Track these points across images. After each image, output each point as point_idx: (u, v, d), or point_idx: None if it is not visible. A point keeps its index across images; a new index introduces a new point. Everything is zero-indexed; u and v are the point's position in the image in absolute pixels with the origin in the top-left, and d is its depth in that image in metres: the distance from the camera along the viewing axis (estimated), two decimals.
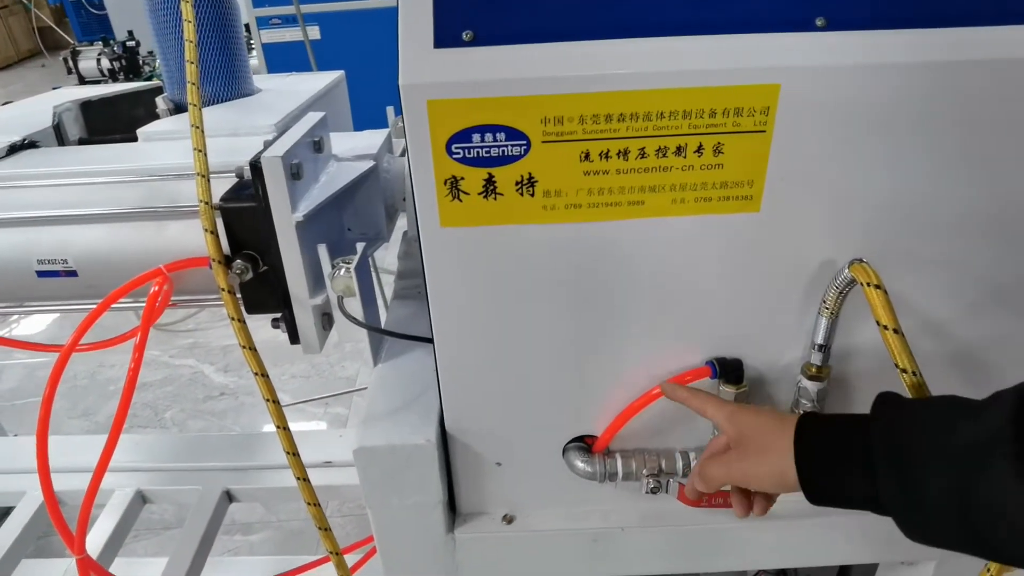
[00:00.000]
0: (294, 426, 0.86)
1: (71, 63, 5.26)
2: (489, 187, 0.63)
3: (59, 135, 1.31)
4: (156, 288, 0.82)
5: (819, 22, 0.60)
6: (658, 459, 0.79)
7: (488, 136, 0.61)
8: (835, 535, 0.86)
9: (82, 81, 5.22)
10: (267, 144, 0.89)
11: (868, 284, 0.62)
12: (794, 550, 0.87)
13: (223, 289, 0.81)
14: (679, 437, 0.80)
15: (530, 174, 0.62)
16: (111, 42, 5.25)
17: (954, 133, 0.62)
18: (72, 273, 0.90)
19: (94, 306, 0.90)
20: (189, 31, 0.91)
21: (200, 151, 0.83)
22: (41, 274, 0.90)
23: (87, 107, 1.46)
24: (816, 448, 0.58)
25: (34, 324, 3.16)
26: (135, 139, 1.26)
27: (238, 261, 0.84)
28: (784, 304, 0.71)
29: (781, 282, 0.70)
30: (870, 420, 0.56)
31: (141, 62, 5.27)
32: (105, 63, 5.11)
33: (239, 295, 0.88)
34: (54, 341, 2.97)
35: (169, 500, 1.42)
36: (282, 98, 1.28)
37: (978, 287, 0.70)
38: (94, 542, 1.25)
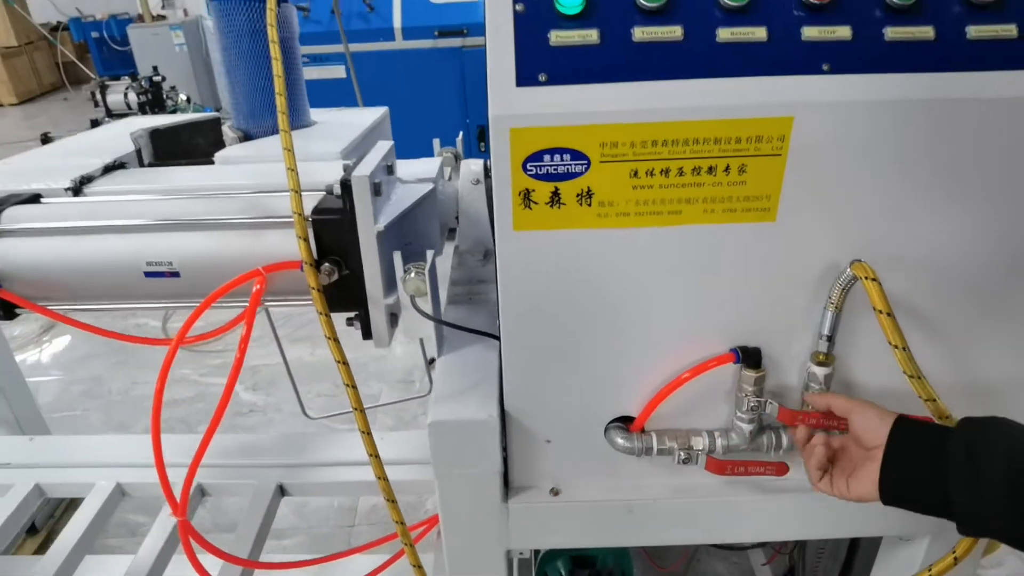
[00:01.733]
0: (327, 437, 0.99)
1: (99, 96, 5.46)
2: (555, 198, 0.77)
3: (139, 158, 1.46)
4: (258, 286, 0.95)
5: (825, 67, 0.74)
6: (688, 436, 0.92)
7: (556, 157, 0.75)
8: (848, 508, 0.97)
9: (109, 114, 5.42)
10: (347, 167, 1.04)
11: (866, 278, 0.76)
12: (809, 522, 0.99)
13: (314, 288, 0.95)
14: (704, 418, 0.93)
15: (588, 188, 0.77)
16: (138, 77, 5.47)
17: (932, 157, 0.76)
18: (175, 274, 1.03)
19: (191, 304, 1.04)
20: (277, 67, 1.06)
21: (292, 170, 0.97)
22: (148, 274, 1.03)
23: (155, 134, 1.62)
24: (901, 449, 0.73)
25: (59, 345, 3.28)
26: (210, 162, 1.42)
27: (326, 264, 0.97)
28: (796, 300, 0.84)
29: (793, 281, 0.83)
30: (949, 429, 0.71)
31: (165, 96, 5.49)
32: (132, 97, 5.32)
33: None
34: (73, 362, 3.09)
35: (227, 493, 1.53)
36: (340, 129, 1.43)
37: (955, 284, 0.83)
38: (163, 530, 1.36)
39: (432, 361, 2.39)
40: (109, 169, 1.30)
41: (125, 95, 5.35)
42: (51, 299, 1.10)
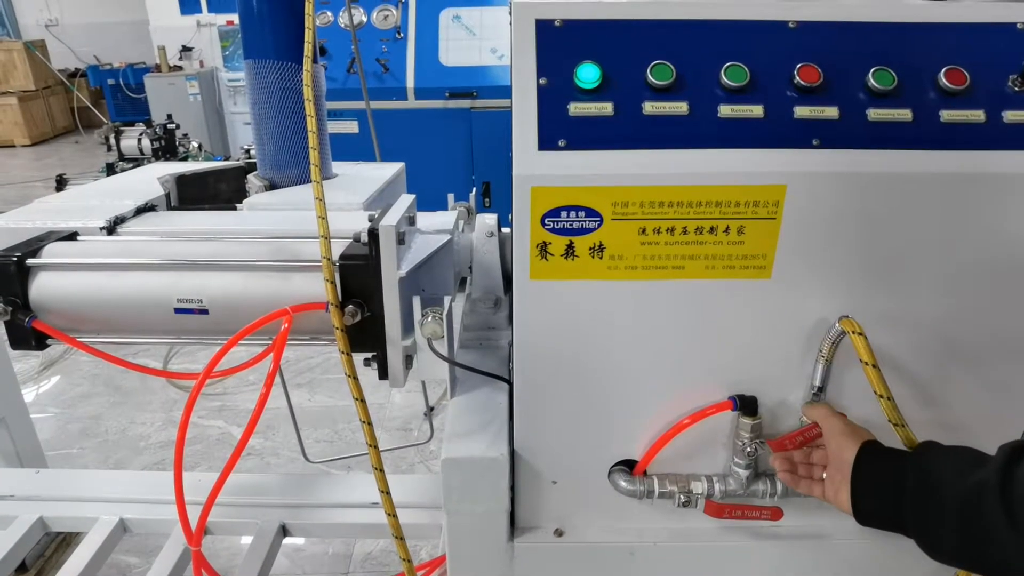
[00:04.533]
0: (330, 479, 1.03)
1: (112, 141, 5.60)
2: (569, 250, 0.84)
3: (168, 201, 1.53)
4: (286, 325, 1.01)
5: (815, 142, 0.83)
6: (687, 480, 0.96)
7: (572, 214, 0.82)
8: (840, 555, 1.02)
9: (122, 158, 5.55)
10: (372, 217, 1.11)
11: (853, 332, 0.83)
12: (804, 568, 1.03)
13: (338, 328, 1.01)
14: (703, 463, 0.98)
15: (600, 242, 0.84)
16: (152, 124, 5.63)
17: (911, 224, 0.84)
18: (204, 311, 1.09)
19: (218, 341, 1.09)
20: (311, 124, 1.14)
21: (323, 218, 1.05)
22: (179, 310, 1.09)
23: (182, 180, 1.70)
24: (864, 477, 0.79)
25: (57, 383, 3.29)
26: (234, 208, 1.50)
27: (350, 306, 1.03)
28: (790, 351, 0.91)
29: (787, 333, 0.90)
30: (907, 456, 0.78)
31: (177, 143, 5.64)
32: (146, 143, 5.45)
33: None
34: (72, 400, 3.11)
35: (229, 531, 1.54)
36: (361, 182, 1.52)
37: (932, 339, 0.90)
38: (166, 564, 1.38)
39: (431, 410, 2.43)
40: (141, 211, 1.38)
41: (139, 141, 5.47)
42: (81, 331, 1.16)
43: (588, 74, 0.83)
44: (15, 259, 1.10)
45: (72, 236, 1.23)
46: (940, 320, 0.89)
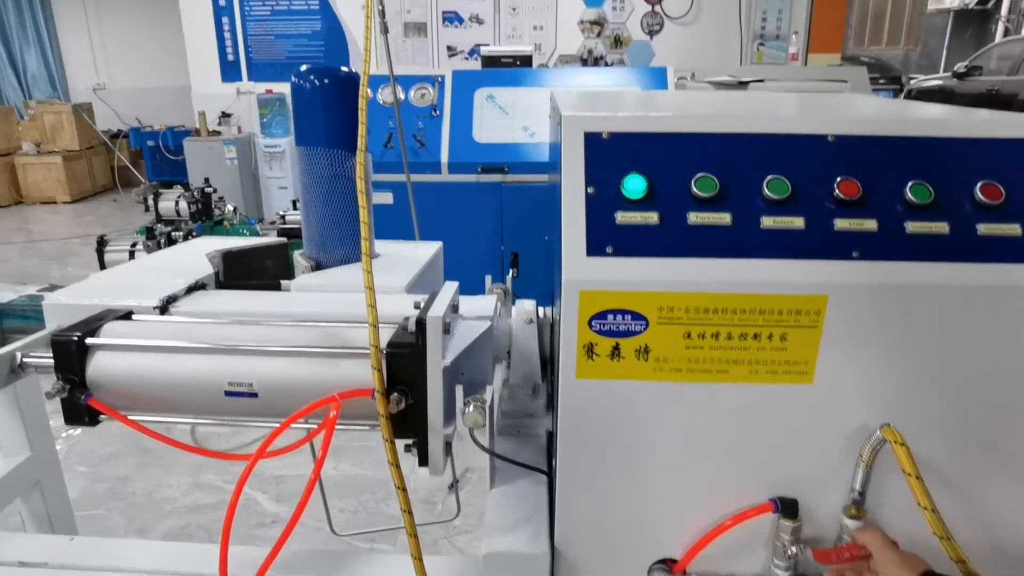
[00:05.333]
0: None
1: (151, 202, 5.81)
2: (615, 352, 0.87)
3: (217, 278, 1.59)
4: (334, 412, 1.04)
5: (855, 253, 0.86)
6: None
7: (619, 317, 0.86)
8: None
9: (158, 219, 5.75)
10: (418, 305, 1.15)
11: (895, 442, 0.84)
12: None
13: (383, 415, 1.03)
14: (742, 563, 0.98)
15: (646, 345, 0.87)
16: (190, 187, 5.84)
17: (950, 335, 0.86)
18: (254, 395, 1.12)
19: (267, 424, 1.12)
20: (364, 215, 1.20)
21: (372, 307, 1.09)
22: (229, 393, 1.13)
23: (227, 256, 1.76)
24: None
25: (87, 441, 3.33)
26: (278, 285, 1.55)
27: (395, 394, 1.06)
28: (830, 456, 0.91)
29: (828, 438, 0.91)
30: None
31: (213, 206, 5.83)
32: (183, 205, 5.65)
33: None
34: (101, 459, 3.13)
35: None
36: (403, 263, 1.57)
37: (975, 448, 0.90)
38: None
39: (454, 484, 2.42)
40: (191, 289, 1.43)
41: (176, 203, 5.68)
42: (133, 409, 1.19)
43: (635, 185, 0.87)
44: (76, 338, 1.15)
45: (128, 315, 1.28)
46: (983, 429, 0.89)
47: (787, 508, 0.92)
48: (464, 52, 7.13)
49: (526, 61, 3.95)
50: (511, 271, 1.46)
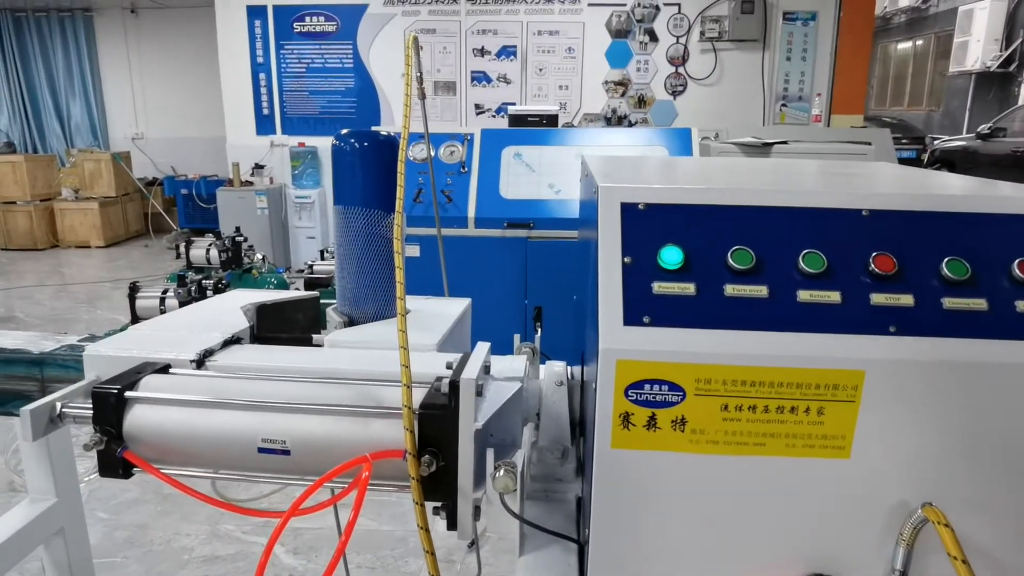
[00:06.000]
0: None
1: (182, 248, 5.95)
2: (651, 422, 0.87)
3: (252, 331, 1.62)
4: (366, 473, 1.04)
5: (892, 328, 0.86)
6: None
7: (656, 387, 0.86)
8: None
9: (189, 266, 5.87)
10: (450, 365, 1.16)
11: (939, 523, 0.82)
12: None
13: (414, 478, 1.03)
14: None
15: (683, 416, 0.86)
16: (221, 236, 5.98)
17: (991, 413, 0.85)
18: (287, 452, 1.13)
19: (299, 481, 1.13)
20: (399, 275, 1.22)
21: (406, 367, 1.10)
22: (262, 450, 1.14)
23: (261, 310, 1.79)
24: None
25: (108, 487, 3.33)
26: (309, 339, 1.57)
27: (426, 456, 1.06)
28: (868, 533, 0.89)
29: (866, 515, 0.89)
30: None
31: (243, 254, 5.95)
32: (214, 253, 5.78)
33: None
34: (121, 506, 3.13)
35: None
36: (433, 320, 1.59)
37: (1021, 529, 0.88)
38: None
39: (473, 543, 2.39)
40: (227, 343, 1.46)
41: (207, 251, 5.81)
42: (166, 462, 1.21)
43: (671, 256, 0.89)
44: (116, 391, 1.18)
45: (165, 368, 1.31)
46: None
47: None
48: (492, 110, 7.32)
49: (552, 120, 4.04)
50: (537, 329, 1.47)
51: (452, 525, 1.12)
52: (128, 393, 1.20)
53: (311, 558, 2.74)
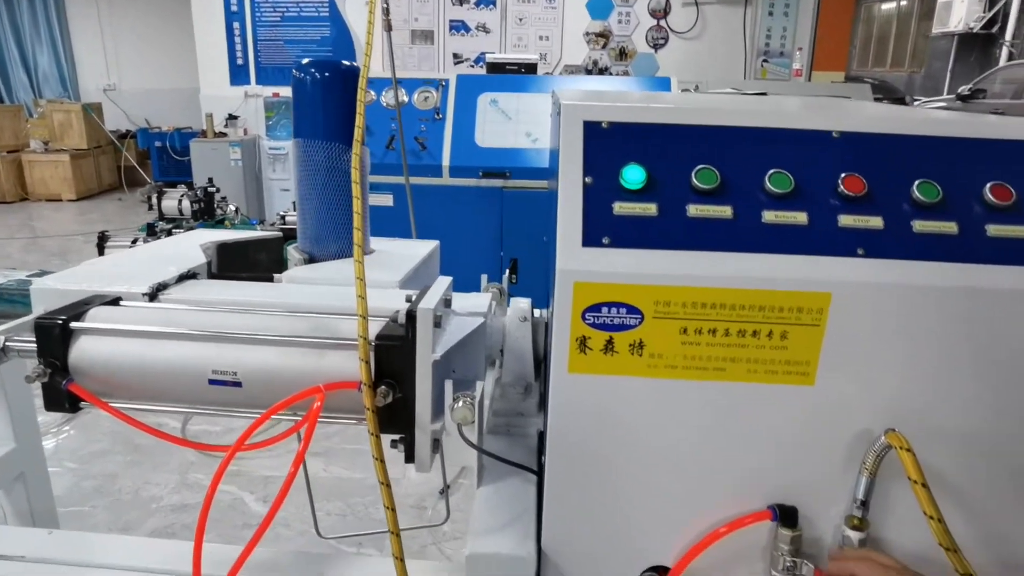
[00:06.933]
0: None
1: (154, 200, 5.80)
2: (609, 346, 0.84)
3: (210, 268, 1.57)
4: (318, 403, 1.01)
5: (860, 251, 0.83)
6: None
7: (613, 310, 0.83)
8: None
9: (161, 217, 5.74)
10: (410, 298, 1.12)
11: (901, 448, 0.80)
12: None
13: (369, 409, 1.00)
14: (740, 574, 0.94)
15: (641, 340, 0.83)
16: (194, 187, 5.84)
17: (958, 338, 0.83)
18: (238, 384, 1.09)
19: (249, 414, 1.09)
20: (357, 205, 1.17)
21: (362, 298, 1.06)
22: (213, 382, 1.10)
23: (222, 248, 1.73)
24: None
25: (77, 438, 3.29)
26: (271, 278, 1.52)
27: (382, 387, 1.03)
28: (832, 462, 0.88)
29: (829, 443, 0.87)
30: None
31: (216, 206, 5.82)
32: (185, 204, 5.65)
33: None
34: (89, 456, 3.10)
35: None
36: (397, 260, 1.54)
37: (982, 457, 0.87)
38: None
39: (447, 488, 2.37)
40: (183, 278, 1.40)
41: (180, 202, 5.68)
42: (114, 396, 1.16)
43: (633, 175, 0.84)
44: (60, 322, 1.13)
45: (116, 301, 1.25)
46: (991, 437, 0.86)
47: (786, 516, 0.89)
48: (470, 60, 7.15)
49: (531, 69, 3.94)
50: (507, 272, 1.43)
51: (410, 457, 1.10)
52: (74, 324, 1.14)
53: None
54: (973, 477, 0.87)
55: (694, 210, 0.83)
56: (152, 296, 1.31)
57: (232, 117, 7.65)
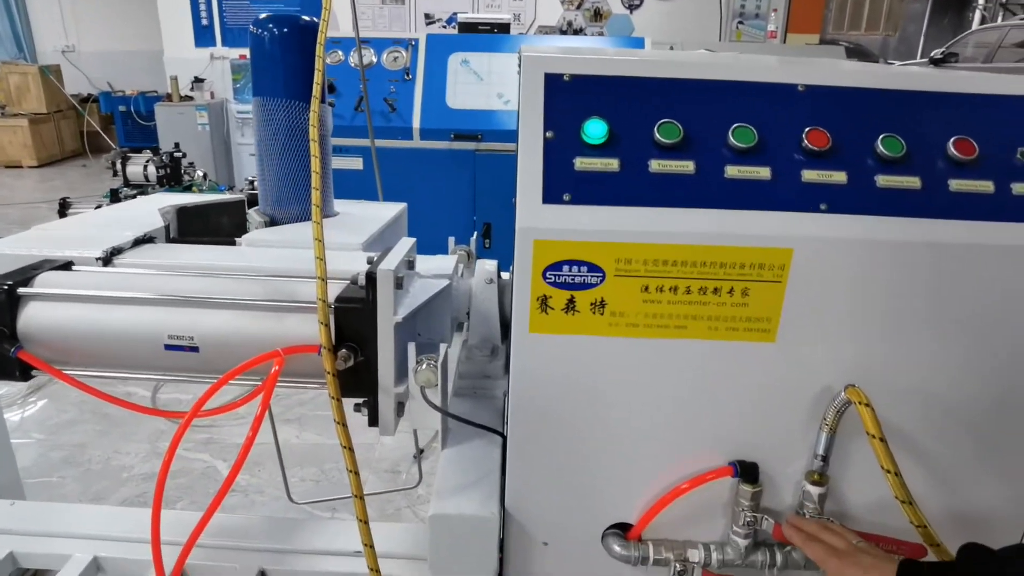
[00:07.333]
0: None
1: (119, 166, 5.64)
2: (570, 305, 0.82)
3: (167, 233, 1.52)
4: (276, 367, 0.99)
5: (823, 206, 0.82)
6: (684, 548, 0.93)
7: (574, 268, 0.81)
8: None
9: (126, 183, 5.58)
10: (371, 260, 1.09)
11: (860, 403, 0.80)
12: None
13: (329, 372, 0.98)
14: (700, 530, 0.95)
15: (602, 298, 0.82)
16: (159, 152, 5.67)
17: (919, 293, 0.83)
18: (195, 349, 1.07)
19: (208, 380, 1.07)
20: (315, 164, 1.14)
21: (321, 259, 1.03)
22: (169, 347, 1.07)
23: (183, 212, 1.68)
24: None
25: (43, 409, 3.24)
26: (232, 242, 1.48)
27: (343, 350, 1.01)
28: (793, 418, 0.88)
29: (790, 400, 0.87)
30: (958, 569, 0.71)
31: (183, 171, 5.67)
32: (151, 169, 5.49)
33: None
34: (57, 427, 3.05)
35: (206, 574, 1.49)
36: (362, 222, 1.51)
37: (941, 412, 0.88)
38: None
39: (421, 453, 2.36)
40: (139, 242, 1.36)
41: (145, 167, 5.52)
42: (68, 364, 1.13)
43: (595, 129, 0.82)
44: (6, 287, 1.08)
45: (67, 266, 1.21)
46: (950, 392, 0.86)
47: (747, 472, 0.89)
48: (442, 20, 6.99)
49: (504, 29, 3.85)
50: (475, 235, 1.41)
51: (374, 421, 1.08)
52: (21, 290, 1.10)
53: (255, 473, 2.72)
54: (930, 432, 0.88)
55: (656, 165, 0.81)
56: (106, 261, 1.27)
57: (198, 80, 7.41)
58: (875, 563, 0.78)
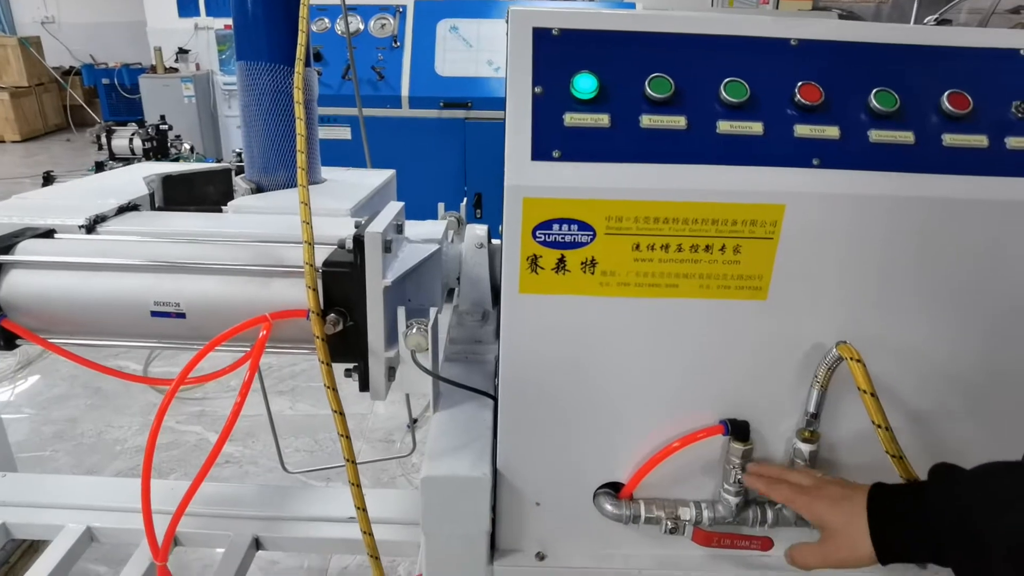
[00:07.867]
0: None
1: (104, 140, 5.55)
2: (560, 265, 0.81)
3: (152, 202, 1.50)
4: (264, 332, 0.98)
5: (815, 161, 0.81)
6: (675, 506, 0.93)
7: (564, 227, 0.80)
8: None
9: (112, 157, 5.50)
10: (359, 224, 1.08)
11: (851, 359, 0.80)
12: None
13: (318, 337, 0.97)
14: (692, 489, 0.95)
15: (593, 257, 0.81)
16: (145, 124, 5.59)
17: (911, 249, 0.82)
18: (181, 315, 1.05)
19: (194, 346, 1.06)
20: (300, 127, 1.11)
21: (307, 223, 1.02)
22: (155, 314, 1.05)
23: (168, 180, 1.66)
24: (886, 520, 0.73)
25: (35, 383, 3.22)
26: (219, 210, 1.46)
27: (332, 315, 1.00)
28: (784, 376, 0.88)
29: (782, 357, 0.87)
30: (928, 487, 0.71)
31: (170, 144, 5.59)
32: (137, 143, 5.41)
33: None
34: (48, 401, 3.04)
35: (200, 543, 1.50)
36: (350, 188, 1.49)
37: (932, 369, 0.88)
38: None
39: (415, 422, 2.38)
40: (123, 210, 1.34)
41: (131, 140, 5.44)
42: (53, 332, 1.12)
43: (585, 84, 0.80)
44: None
45: (49, 233, 1.19)
46: (941, 350, 0.86)
47: (738, 430, 0.89)
48: None
49: None
50: (478, 215, 1.39)
51: (364, 386, 1.08)
52: (2, 257, 1.08)
53: (248, 444, 2.72)
54: (920, 389, 0.89)
55: (647, 120, 0.80)
56: (89, 228, 1.25)
57: (183, 51, 7.28)
58: (844, 492, 0.78)
